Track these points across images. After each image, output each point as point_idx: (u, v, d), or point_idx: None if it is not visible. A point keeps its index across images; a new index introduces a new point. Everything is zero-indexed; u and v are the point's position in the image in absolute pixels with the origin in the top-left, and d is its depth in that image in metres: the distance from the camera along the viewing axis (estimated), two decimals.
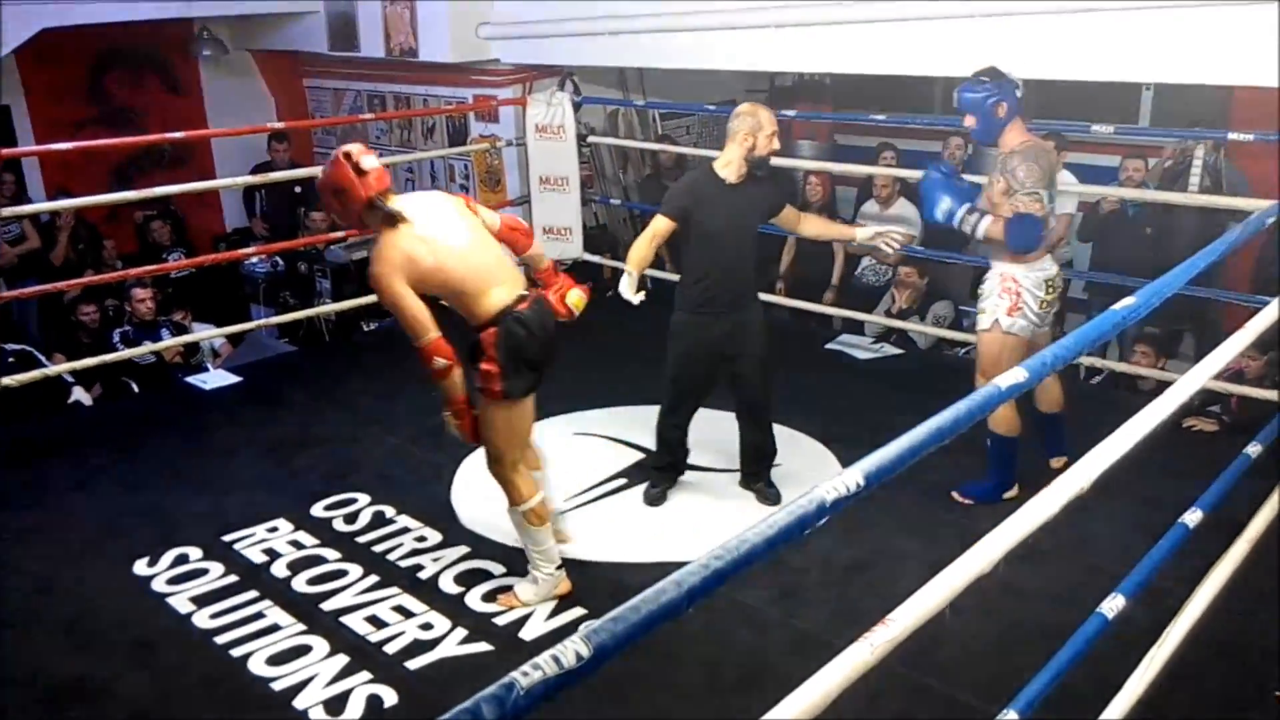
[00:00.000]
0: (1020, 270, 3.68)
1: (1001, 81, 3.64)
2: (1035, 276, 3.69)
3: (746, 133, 3.67)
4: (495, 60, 6.91)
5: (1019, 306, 3.69)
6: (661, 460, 4.10)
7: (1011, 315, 3.69)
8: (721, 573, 1.24)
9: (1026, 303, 3.69)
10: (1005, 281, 3.70)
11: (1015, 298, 3.68)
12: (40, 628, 3.34)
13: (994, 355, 3.72)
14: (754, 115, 3.70)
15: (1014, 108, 3.63)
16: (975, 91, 3.66)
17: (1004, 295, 3.70)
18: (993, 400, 1.58)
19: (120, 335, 5.78)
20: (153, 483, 4.30)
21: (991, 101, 3.62)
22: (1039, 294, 3.70)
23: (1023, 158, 3.60)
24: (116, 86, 8.07)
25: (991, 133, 3.69)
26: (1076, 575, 3.29)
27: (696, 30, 5.70)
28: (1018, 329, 3.70)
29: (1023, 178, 3.57)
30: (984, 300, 3.78)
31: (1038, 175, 3.57)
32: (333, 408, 4.95)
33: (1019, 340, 3.71)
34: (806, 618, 3.26)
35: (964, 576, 1.56)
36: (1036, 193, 3.57)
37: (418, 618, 3.33)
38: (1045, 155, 3.64)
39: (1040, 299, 3.70)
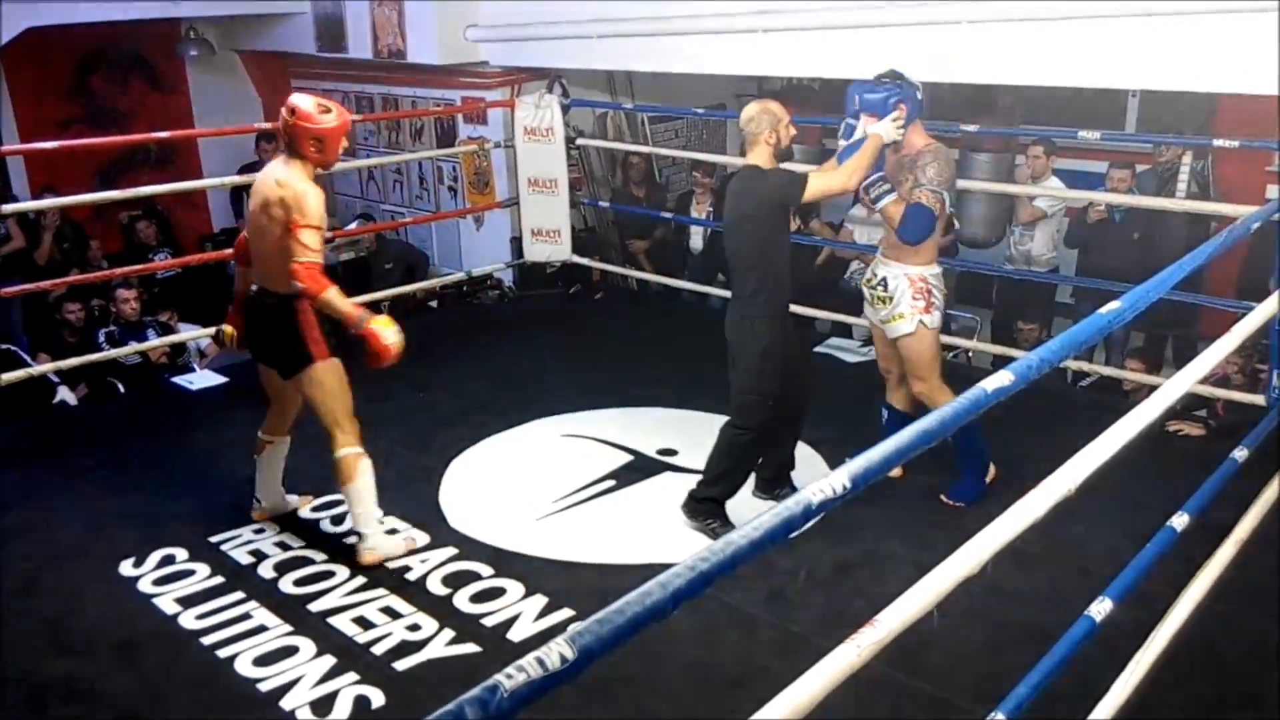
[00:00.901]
0: (928, 270, 3.82)
1: (902, 83, 3.71)
2: (938, 272, 3.86)
3: (770, 130, 3.66)
4: (484, 62, 6.91)
5: (933, 303, 3.81)
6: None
7: (929, 313, 3.81)
8: (707, 575, 1.24)
9: (937, 298, 3.82)
10: (916, 283, 3.80)
11: (928, 296, 3.80)
12: (26, 628, 3.32)
13: (925, 354, 3.85)
14: (769, 111, 3.69)
15: (914, 110, 3.71)
16: (876, 93, 3.71)
17: (919, 297, 3.80)
18: (980, 403, 1.59)
19: (105, 335, 5.76)
20: (139, 483, 4.28)
21: (892, 102, 3.67)
22: (942, 287, 3.87)
23: (934, 158, 3.70)
24: (102, 86, 8.04)
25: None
26: (1063, 578, 3.31)
27: (685, 34, 5.70)
28: (935, 324, 3.85)
29: (931, 175, 3.68)
30: (896, 306, 3.82)
31: (946, 177, 3.69)
32: None
33: (937, 333, 3.88)
34: (795, 619, 3.27)
35: (951, 578, 1.57)
36: (939, 192, 3.67)
37: (405, 618, 3.33)
38: (951, 162, 3.77)
39: (943, 292, 3.88)
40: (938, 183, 3.66)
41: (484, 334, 6.12)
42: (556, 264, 6.74)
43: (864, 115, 3.71)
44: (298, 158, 3.44)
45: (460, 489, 4.22)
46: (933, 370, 3.88)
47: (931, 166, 3.67)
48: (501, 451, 4.57)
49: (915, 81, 3.74)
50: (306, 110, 3.41)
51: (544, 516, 4.00)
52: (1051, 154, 5.77)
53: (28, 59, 7.17)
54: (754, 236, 3.66)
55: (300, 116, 3.40)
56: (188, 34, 7.94)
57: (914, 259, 3.77)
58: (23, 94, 7.59)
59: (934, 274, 3.83)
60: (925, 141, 3.76)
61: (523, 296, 6.93)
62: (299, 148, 3.42)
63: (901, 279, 3.79)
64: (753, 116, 3.68)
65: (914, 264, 3.78)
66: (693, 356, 5.56)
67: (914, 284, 3.78)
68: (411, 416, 4.87)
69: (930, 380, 3.88)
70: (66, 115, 7.76)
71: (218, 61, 8.26)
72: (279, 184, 3.40)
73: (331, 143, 3.45)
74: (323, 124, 3.41)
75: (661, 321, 6.34)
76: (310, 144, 3.42)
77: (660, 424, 4.75)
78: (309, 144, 3.42)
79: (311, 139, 3.41)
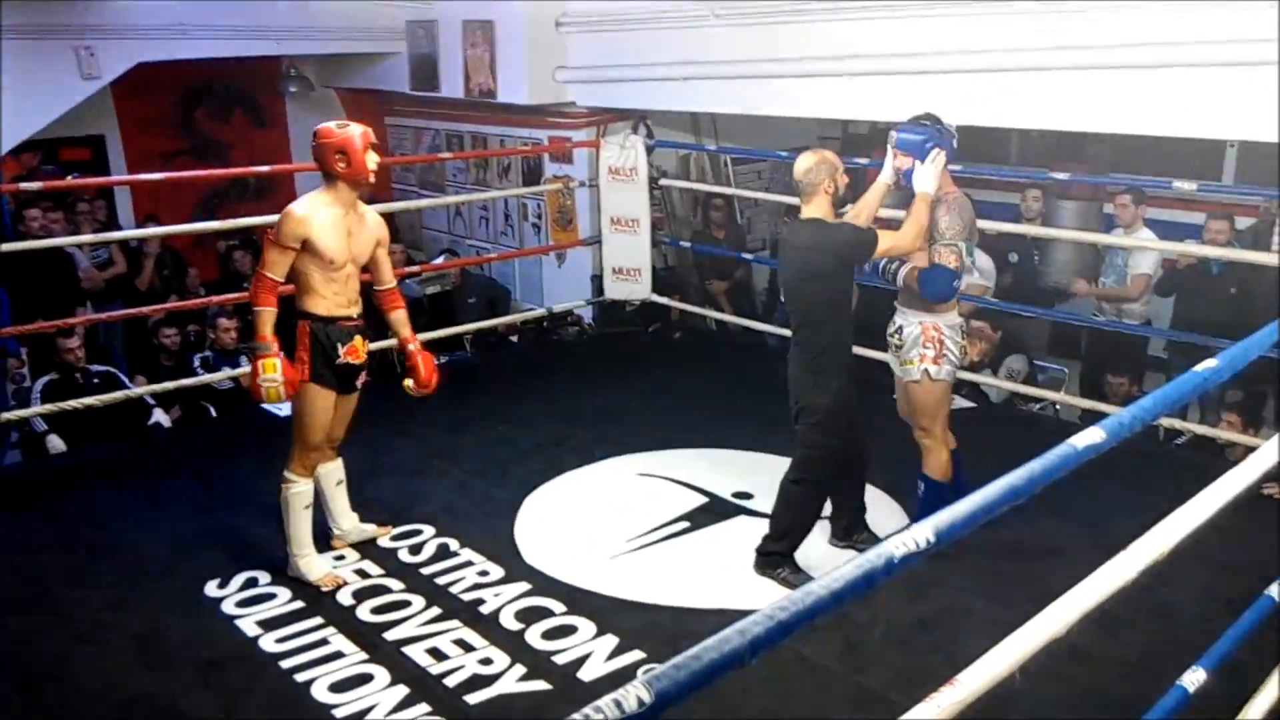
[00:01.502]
0: (941, 319, 3.73)
1: (941, 128, 3.66)
2: (954, 323, 3.76)
3: (830, 180, 3.60)
4: (571, 103, 7.03)
5: (943, 355, 3.73)
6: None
7: (938, 364, 3.74)
8: (786, 625, 1.23)
9: (949, 350, 3.74)
10: (928, 332, 3.73)
11: (938, 346, 3.72)
12: (115, 644, 3.42)
13: (928, 405, 3.79)
14: (826, 161, 3.62)
15: (949, 157, 3.66)
16: (915, 134, 3.67)
17: (928, 345, 3.73)
18: (1070, 460, 1.56)
19: (201, 360, 5.95)
20: (226, 505, 4.40)
21: (930, 145, 3.62)
22: (958, 339, 3.77)
23: (947, 208, 3.62)
24: (206, 119, 8.38)
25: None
26: (1152, 644, 3.19)
27: (771, 77, 5.74)
28: (944, 375, 3.76)
29: (944, 228, 3.60)
30: (908, 352, 3.78)
31: (959, 228, 3.61)
32: (401, 439, 5.02)
33: (947, 386, 3.80)
34: (870, 674, 3.21)
35: (1036, 640, 1.53)
36: (955, 245, 3.60)
37: (478, 652, 3.35)
38: (968, 209, 3.68)
39: (960, 344, 3.79)
40: (951, 235, 3.59)
41: (563, 370, 6.17)
42: (636, 302, 6.79)
43: (898, 154, 3.69)
44: (330, 182, 3.58)
45: (535, 524, 4.24)
46: (935, 421, 3.80)
47: (944, 218, 3.60)
48: (577, 488, 4.59)
49: (951, 128, 3.69)
50: (326, 128, 3.59)
51: (617, 555, 4.00)
52: (1141, 203, 5.65)
53: (137, 93, 7.52)
54: (825, 292, 3.60)
55: (321, 135, 3.56)
56: (288, 71, 8.25)
57: (928, 308, 3.71)
58: (131, 126, 7.95)
59: (949, 324, 3.74)
60: (946, 190, 3.68)
61: (602, 334, 6.99)
62: (328, 167, 3.55)
63: (914, 327, 3.75)
64: (810, 167, 3.59)
65: (928, 313, 3.72)
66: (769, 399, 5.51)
67: (925, 332, 3.72)
68: (489, 450, 4.93)
69: (932, 431, 3.81)
70: (172, 147, 8.11)
71: (316, 98, 8.56)
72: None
73: (354, 152, 3.53)
74: (341, 135, 3.54)
75: (740, 363, 6.33)
76: (336, 159, 3.53)
77: (736, 466, 4.73)
78: (335, 160, 3.53)
79: (335, 152, 3.53)
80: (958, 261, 3.61)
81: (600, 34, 6.62)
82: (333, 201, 3.59)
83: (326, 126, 3.59)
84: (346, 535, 4.03)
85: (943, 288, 3.63)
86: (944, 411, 3.83)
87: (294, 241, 3.54)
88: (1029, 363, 5.88)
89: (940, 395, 3.79)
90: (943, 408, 3.82)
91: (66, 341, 5.41)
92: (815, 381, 3.67)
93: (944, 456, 3.84)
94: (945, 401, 3.83)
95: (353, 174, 3.56)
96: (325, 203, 3.59)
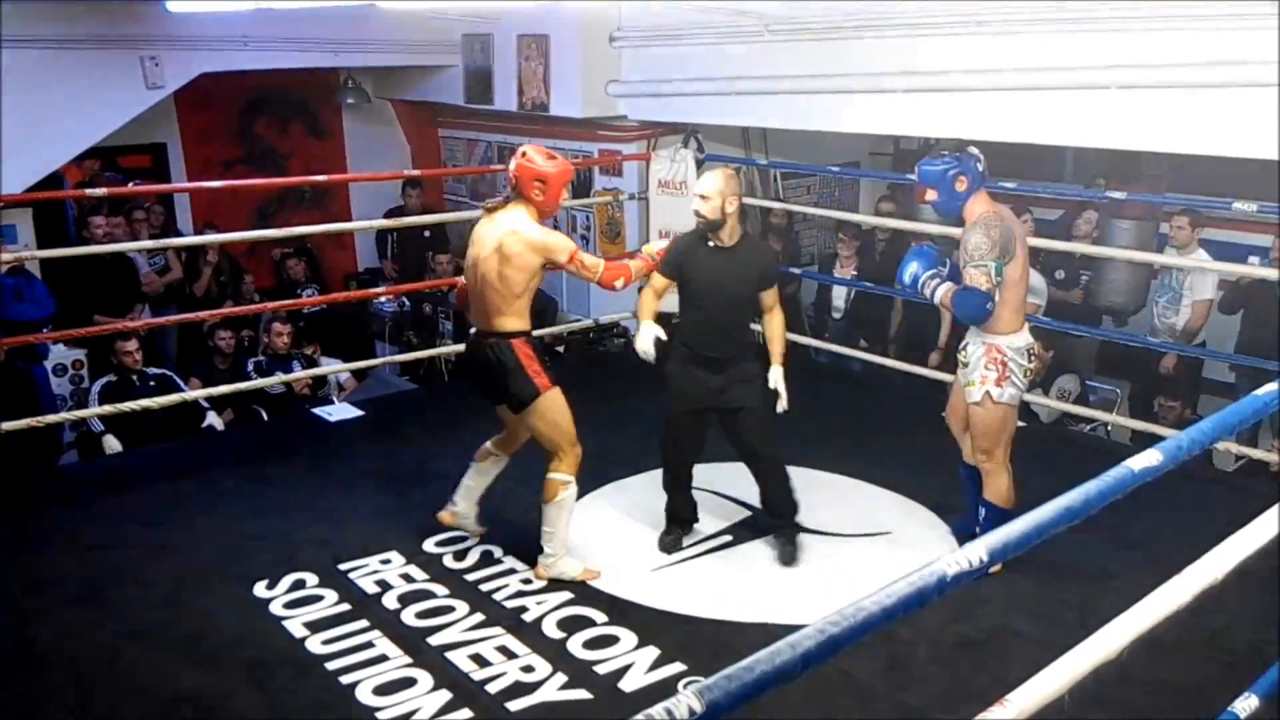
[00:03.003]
0: (1004, 340, 3.67)
1: (962, 155, 3.63)
2: (1019, 345, 3.68)
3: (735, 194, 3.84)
4: (622, 117, 7.07)
5: (1006, 376, 3.67)
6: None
7: (1000, 386, 3.68)
8: (837, 639, 1.23)
9: (1013, 371, 3.68)
10: (991, 352, 3.68)
11: (1002, 368, 3.67)
12: (165, 641, 3.49)
13: (991, 427, 3.74)
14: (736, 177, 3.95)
15: (975, 180, 3.62)
16: (934, 165, 3.66)
17: (990, 367, 3.68)
18: (1126, 483, 1.54)
19: (254, 365, 6.06)
20: (276, 507, 4.47)
21: (951, 174, 3.61)
22: (1023, 362, 3.70)
23: (974, 229, 3.57)
24: (265, 129, 8.54)
25: (953, 206, 3.67)
26: (1203, 670, 3.13)
27: (822, 92, 5.73)
28: (1008, 398, 3.70)
29: (971, 249, 3.55)
30: (971, 372, 3.74)
31: (986, 248, 3.53)
32: (448, 445, 5.06)
33: (1010, 409, 3.73)
34: (913, 692, 3.18)
35: (1086, 663, 1.52)
36: (984, 265, 3.53)
37: (520, 659, 3.37)
38: (998, 227, 3.57)
39: (1024, 367, 3.71)
40: (979, 256, 3.53)
41: (608, 381, 6.19)
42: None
43: (933, 276, 3.72)
44: (523, 202, 3.67)
45: (579, 533, 4.25)
46: (997, 444, 3.75)
47: (973, 238, 3.56)
48: (621, 499, 4.61)
49: (976, 153, 3.66)
50: (533, 155, 3.68)
51: (660, 568, 4.01)
52: (1198, 225, 5.56)
53: (199, 103, 7.68)
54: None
55: (527, 159, 3.67)
56: (346, 83, 8.39)
57: (994, 327, 3.66)
58: (192, 135, 8.12)
59: (1014, 346, 3.67)
60: (983, 210, 3.63)
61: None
62: (524, 189, 3.66)
63: (979, 347, 3.71)
64: (729, 175, 3.90)
65: (993, 333, 3.67)
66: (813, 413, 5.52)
67: (989, 353, 3.68)
68: (534, 459, 4.93)
69: (993, 455, 3.76)
70: (231, 156, 8.27)
71: (372, 109, 8.69)
72: (511, 231, 3.63)
73: (553, 188, 3.67)
74: (545, 168, 3.65)
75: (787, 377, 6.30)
76: (534, 186, 3.65)
77: None
78: (533, 186, 3.65)
79: (535, 180, 3.64)
80: (989, 283, 3.54)
81: (653, 49, 6.66)
82: (534, 218, 3.71)
83: (532, 154, 3.69)
84: (457, 515, 4.10)
85: (973, 309, 3.58)
86: (1006, 436, 3.78)
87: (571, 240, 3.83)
88: (1081, 382, 5.80)
89: (1002, 418, 3.73)
90: (1005, 431, 3.77)
91: (125, 344, 5.54)
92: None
93: (1005, 481, 3.79)
94: (1008, 425, 3.77)
95: (544, 205, 3.71)
96: (538, 221, 3.73)
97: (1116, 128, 4.66)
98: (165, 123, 7.75)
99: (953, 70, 5.08)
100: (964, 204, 3.64)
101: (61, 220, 7.22)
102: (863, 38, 5.41)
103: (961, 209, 3.66)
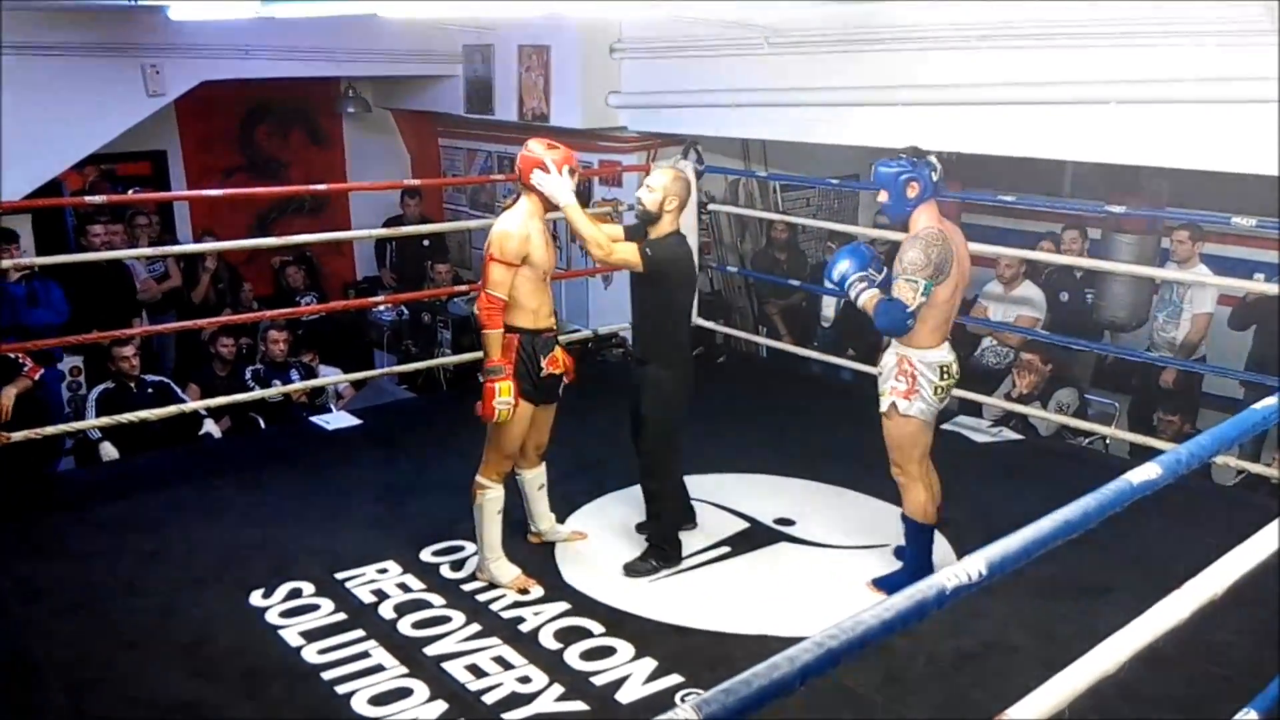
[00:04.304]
0: (917, 354, 3.63)
1: (918, 161, 3.60)
2: (932, 360, 3.63)
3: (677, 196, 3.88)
4: (622, 128, 7.08)
5: (915, 390, 3.63)
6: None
7: (909, 399, 3.65)
8: (835, 653, 1.23)
9: (923, 386, 3.63)
10: (903, 364, 3.66)
11: (911, 380, 3.64)
12: (161, 650, 3.47)
13: (899, 439, 3.71)
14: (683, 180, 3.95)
15: (927, 189, 3.58)
16: (890, 166, 3.63)
17: (900, 378, 3.66)
18: (1125, 496, 1.54)
19: (252, 373, 6.05)
20: (273, 516, 4.46)
21: (904, 178, 3.58)
22: (934, 378, 3.64)
23: (913, 243, 3.54)
24: (265, 137, 8.55)
25: (901, 211, 3.64)
26: (1203, 685, 3.13)
27: (823, 105, 5.74)
28: (916, 412, 3.66)
29: (906, 263, 3.52)
30: (883, 381, 3.73)
31: (921, 264, 3.49)
32: (446, 455, 5.06)
33: (921, 424, 3.69)
34: (910, 706, 3.17)
35: (1085, 678, 1.51)
36: (915, 281, 3.48)
37: (516, 670, 3.36)
38: (938, 246, 3.51)
39: (935, 384, 3.64)
40: (912, 270, 3.49)
41: (606, 392, 6.16)
42: None
43: (862, 279, 3.69)
44: (528, 193, 3.70)
45: (576, 545, 4.25)
46: (909, 459, 3.71)
47: (910, 253, 3.52)
48: (618, 510, 4.59)
49: (933, 161, 3.62)
50: (533, 145, 3.71)
51: (658, 579, 3.99)
52: (1198, 239, 5.57)
53: (199, 110, 7.69)
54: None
55: (528, 149, 3.69)
56: (347, 92, 8.40)
57: (911, 340, 3.63)
58: (193, 142, 8.13)
59: (926, 361, 3.62)
60: (928, 223, 3.57)
61: None
62: (526, 180, 3.68)
63: (892, 356, 3.70)
64: (678, 177, 3.93)
65: (908, 345, 3.64)
66: (812, 425, 5.53)
67: (901, 364, 3.66)
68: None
69: (905, 469, 3.73)
70: (231, 164, 8.28)
71: (372, 118, 8.71)
72: (499, 220, 3.71)
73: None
74: (545, 156, 3.66)
75: (784, 388, 6.31)
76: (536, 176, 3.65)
77: (778, 492, 4.71)
78: (534, 176, 3.65)
79: (536, 168, 3.65)
80: (915, 299, 3.49)
81: (653, 60, 6.68)
82: (534, 213, 3.71)
83: (533, 144, 3.72)
84: (543, 535, 4.19)
85: (893, 323, 3.55)
86: (918, 451, 3.72)
87: (518, 258, 3.64)
88: (1079, 396, 5.80)
89: (912, 432, 3.68)
90: (916, 446, 3.71)
91: (122, 349, 5.52)
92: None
93: (921, 496, 3.74)
94: (919, 440, 3.71)
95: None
96: (530, 214, 3.71)
97: (1117, 142, 4.67)
98: (166, 130, 7.76)
99: (954, 84, 5.09)
100: (912, 211, 3.60)
101: (61, 227, 7.23)
102: (863, 51, 5.42)
103: (909, 216, 3.62)
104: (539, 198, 3.71)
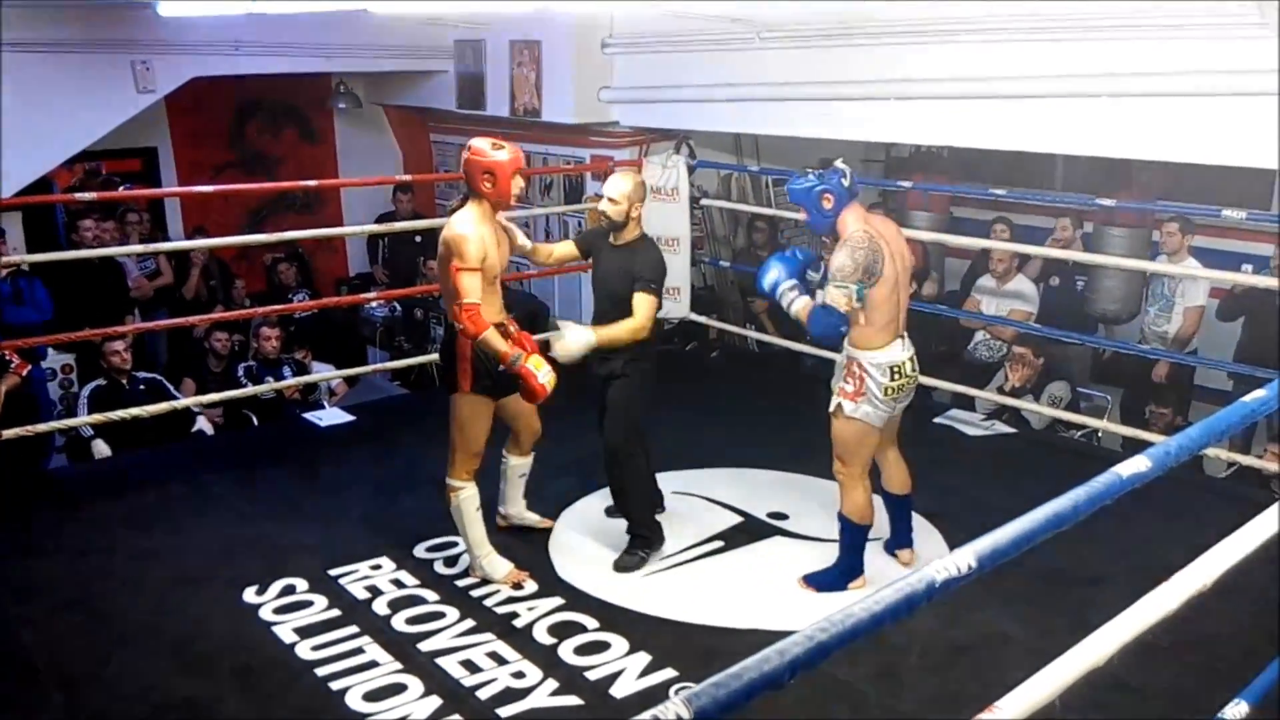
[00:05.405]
0: (865, 355, 3.62)
1: (824, 172, 3.60)
2: (880, 361, 3.61)
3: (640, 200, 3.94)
4: (614, 123, 7.07)
5: (862, 392, 3.62)
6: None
7: (855, 401, 3.63)
8: (825, 646, 1.23)
9: (870, 389, 3.61)
10: (851, 365, 3.65)
11: (859, 382, 3.62)
12: (154, 647, 3.47)
13: (844, 439, 3.70)
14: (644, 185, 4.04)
15: (841, 197, 3.57)
16: (799, 184, 3.64)
17: (848, 380, 3.65)
18: (1115, 488, 1.54)
19: (244, 370, 6.04)
20: (266, 513, 4.46)
21: (816, 192, 3.58)
22: (882, 379, 3.61)
23: (840, 249, 3.54)
24: (256, 134, 8.51)
25: (823, 223, 3.64)
26: (1193, 676, 3.15)
27: (816, 100, 5.74)
28: (861, 414, 3.64)
29: (834, 270, 3.52)
30: (834, 380, 3.74)
31: (849, 269, 3.48)
32: (439, 451, 5.00)
33: (867, 427, 3.66)
34: (904, 698, 3.18)
35: (1076, 669, 1.52)
36: (845, 287, 3.48)
37: (510, 665, 3.36)
38: (864, 248, 3.50)
39: (884, 385, 3.61)
40: (841, 276, 3.49)
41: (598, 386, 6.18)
42: (674, 321, 6.80)
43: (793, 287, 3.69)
44: (476, 198, 3.64)
45: (570, 539, 4.26)
46: (852, 459, 3.70)
47: (837, 259, 3.52)
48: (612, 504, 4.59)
49: (843, 168, 3.61)
50: (479, 146, 3.63)
51: (651, 573, 4.00)
52: (1188, 232, 5.58)
53: (191, 107, 7.65)
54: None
55: (473, 151, 3.62)
56: (338, 88, 8.37)
57: (858, 341, 3.63)
58: (182, 139, 8.09)
59: (874, 362, 3.60)
60: (854, 227, 3.56)
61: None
62: (474, 184, 3.62)
63: (842, 357, 3.71)
64: (638, 183, 3.98)
65: (855, 346, 3.64)
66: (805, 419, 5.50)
67: (850, 365, 3.66)
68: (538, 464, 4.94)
69: (848, 468, 3.71)
70: (222, 160, 8.24)
71: (363, 114, 8.67)
72: (449, 226, 3.63)
73: (502, 178, 3.59)
74: (492, 158, 3.60)
75: (776, 383, 6.32)
76: (483, 178, 3.60)
77: (771, 487, 4.72)
78: (482, 179, 3.60)
79: (484, 172, 3.59)
80: (848, 305, 3.49)
81: (645, 55, 6.66)
82: (484, 217, 3.65)
83: (479, 145, 3.63)
84: (510, 519, 4.24)
85: (825, 329, 3.56)
86: (864, 452, 3.71)
87: (479, 262, 3.58)
88: (1071, 389, 5.81)
89: (856, 433, 3.67)
90: (862, 447, 3.70)
91: (113, 345, 5.51)
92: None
93: (860, 497, 3.73)
94: (865, 441, 3.69)
95: (496, 195, 3.62)
96: (481, 218, 3.64)
97: (1108, 136, 4.67)
98: (156, 127, 7.71)
99: (945, 78, 5.08)
100: (834, 220, 3.60)
101: (52, 224, 7.19)
102: (855, 45, 5.41)
103: (833, 225, 3.61)
104: (486, 199, 3.63)
